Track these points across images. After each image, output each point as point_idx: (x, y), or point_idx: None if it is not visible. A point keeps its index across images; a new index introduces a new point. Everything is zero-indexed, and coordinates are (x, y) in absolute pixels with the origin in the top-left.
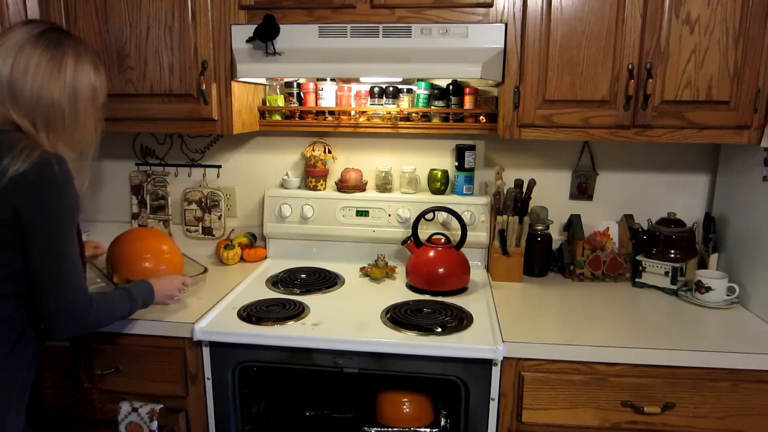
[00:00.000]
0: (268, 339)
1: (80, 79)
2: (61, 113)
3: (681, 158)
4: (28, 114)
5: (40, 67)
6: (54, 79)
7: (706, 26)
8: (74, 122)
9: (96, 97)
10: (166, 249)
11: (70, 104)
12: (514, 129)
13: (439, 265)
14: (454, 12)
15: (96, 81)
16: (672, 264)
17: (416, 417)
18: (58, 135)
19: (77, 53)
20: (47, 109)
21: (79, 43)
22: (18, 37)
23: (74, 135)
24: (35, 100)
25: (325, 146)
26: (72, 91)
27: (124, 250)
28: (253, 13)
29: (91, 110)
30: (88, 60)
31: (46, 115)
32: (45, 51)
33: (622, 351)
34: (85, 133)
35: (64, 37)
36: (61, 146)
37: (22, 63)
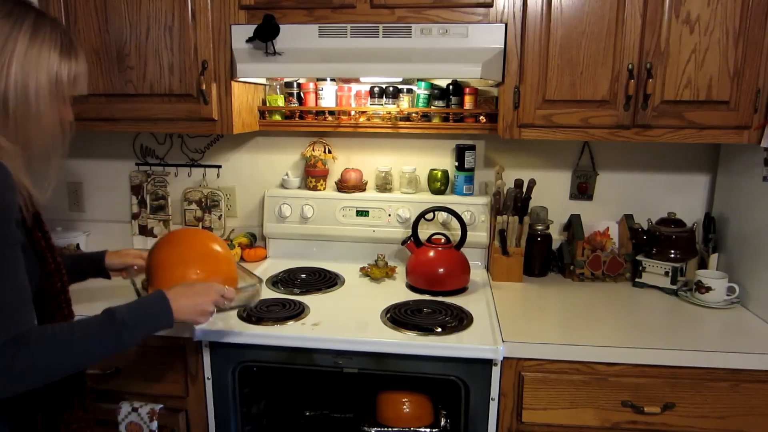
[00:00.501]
0: (268, 339)
1: (33, 62)
2: (2, 101)
3: (681, 158)
4: None
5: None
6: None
7: (706, 26)
8: (24, 114)
9: (60, 86)
10: (217, 254)
11: (17, 91)
12: (514, 129)
13: (439, 265)
14: (454, 12)
15: (61, 67)
16: (672, 264)
17: (416, 417)
18: None
19: (36, 28)
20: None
21: (42, 18)
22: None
23: (24, 130)
24: None
25: (325, 146)
26: (21, 75)
27: (161, 256)
28: (253, 13)
29: (50, 102)
30: (50, 39)
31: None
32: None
33: (622, 351)
34: (42, 130)
35: (22, 8)
36: (4, 141)
37: None
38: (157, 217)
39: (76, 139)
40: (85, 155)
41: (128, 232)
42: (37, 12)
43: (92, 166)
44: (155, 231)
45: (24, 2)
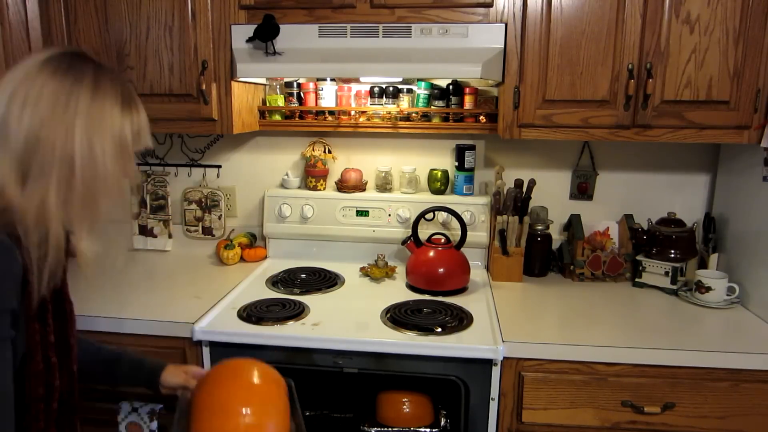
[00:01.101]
0: (268, 339)
1: (97, 121)
2: (64, 165)
3: (681, 158)
4: (16, 161)
5: (42, 99)
6: (58, 116)
7: (706, 26)
8: (91, 176)
9: (124, 144)
10: (266, 398)
11: (83, 153)
12: (514, 129)
13: (439, 265)
14: (454, 12)
15: (124, 124)
16: (672, 264)
17: (416, 417)
18: (62, 198)
19: (96, 83)
20: (45, 158)
21: (101, 70)
22: (24, 64)
23: (91, 191)
24: (31, 143)
25: (325, 146)
26: (86, 137)
27: (202, 396)
28: (253, 13)
29: (116, 161)
30: (111, 94)
31: (41, 165)
32: (50, 78)
33: (622, 351)
34: (109, 190)
35: (79, 61)
36: (71, 214)
37: (21, 95)
38: (157, 217)
39: None
40: None
41: (128, 232)
42: (95, 64)
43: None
44: (155, 231)
45: (80, 54)
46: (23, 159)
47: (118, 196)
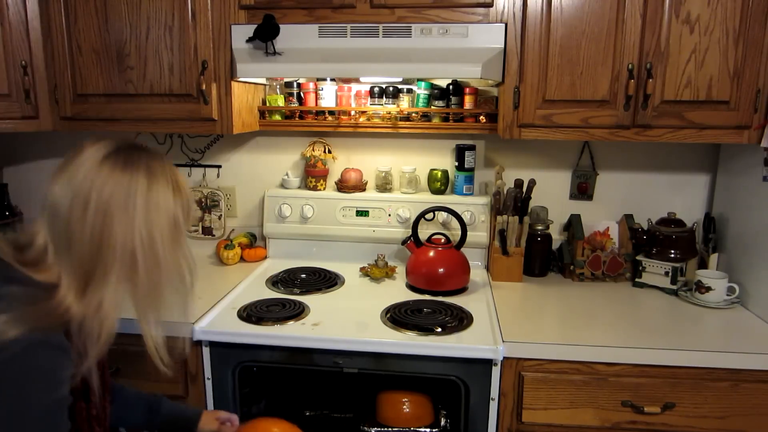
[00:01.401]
0: (268, 339)
1: (154, 212)
2: (125, 264)
3: (681, 158)
4: (79, 268)
5: (102, 201)
6: (119, 216)
7: (706, 26)
8: (154, 265)
9: (179, 227)
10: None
11: (144, 245)
12: (514, 129)
13: (439, 265)
14: (454, 12)
15: (177, 209)
16: (672, 264)
17: (416, 417)
18: (122, 295)
19: (150, 175)
20: (108, 260)
21: (152, 158)
22: (82, 163)
23: (154, 280)
24: (94, 248)
25: (325, 146)
26: (146, 229)
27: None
28: (253, 13)
29: (174, 245)
30: (164, 182)
31: (104, 268)
32: (109, 177)
33: (622, 351)
34: (170, 274)
35: (133, 154)
36: (136, 307)
37: (82, 198)
38: None
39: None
40: None
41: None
42: (147, 153)
43: None
44: None
45: (133, 145)
46: (86, 265)
47: (180, 281)
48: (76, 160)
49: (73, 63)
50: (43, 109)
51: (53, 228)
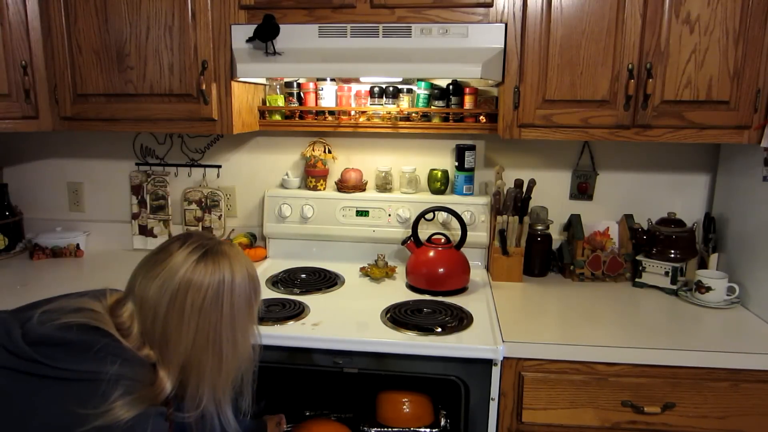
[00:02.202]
0: (268, 339)
1: (237, 308)
2: (216, 357)
3: (681, 158)
4: (177, 367)
5: (197, 302)
6: (213, 320)
7: (706, 26)
8: (233, 358)
9: (253, 314)
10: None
11: (228, 342)
12: (514, 129)
13: (439, 265)
14: (454, 12)
15: (251, 295)
16: (672, 264)
17: (416, 417)
18: (207, 380)
19: (232, 267)
20: (202, 359)
21: (231, 249)
22: (175, 265)
23: (233, 371)
24: (190, 343)
25: (325, 146)
26: (230, 327)
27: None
28: (253, 13)
29: (249, 332)
30: (240, 268)
31: (198, 366)
32: (203, 277)
33: (622, 351)
34: (244, 362)
35: (217, 251)
36: (218, 391)
37: (179, 301)
38: (157, 217)
39: (76, 139)
40: (85, 155)
41: (128, 232)
42: (227, 247)
43: (92, 166)
44: (155, 231)
45: (212, 239)
46: (182, 359)
47: (250, 362)
48: (169, 262)
49: (73, 63)
50: (43, 109)
51: (146, 321)
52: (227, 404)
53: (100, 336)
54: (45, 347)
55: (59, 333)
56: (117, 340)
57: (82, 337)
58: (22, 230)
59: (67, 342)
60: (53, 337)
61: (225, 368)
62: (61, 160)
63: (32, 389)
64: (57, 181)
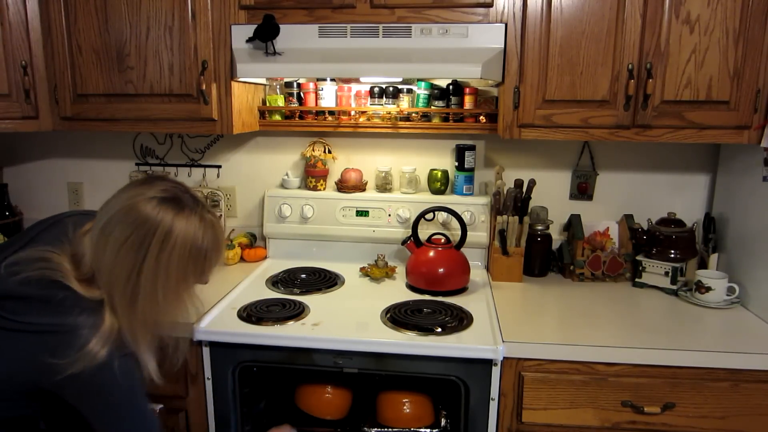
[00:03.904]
0: (268, 339)
1: (170, 258)
2: (128, 301)
3: (681, 158)
4: (109, 292)
5: (118, 240)
6: (131, 256)
7: (706, 26)
8: (148, 309)
9: (188, 274)
10: None
11: (146, 291)
12: (514, 129)
13: (439, 265)
14: (454, 12)
15: (195, 258)
16: (672, 264)
17: (416, 417)
18: (121, 319)
19: (179, 224)
20: (113, 293)
21: (197, 215)
22: (130, 196)
23: (146, 321)
24: (106, 280)
25: (325, 146)
26: (152, 275)
27: None
28: (253, 13)
29: (180, 290)
30: (195, 229)
31: (113, 299)
32: (136, 217)
33: (622, 351)
34: (165, 317)
35: (178, 204)
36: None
37: (109, 229)
38: None
39: (76, 139)
40: (85, 155)
41: None
42: (181, 219)
43: (92, 166)
44: None
45: (172, 206)
46: (108, 297)
47: (176, 330)
48: (130, 191)
49: (73, 63)
50: (43, 109)
51: (95, 255)
52: (146, 353)
53: (58, 289)
54: (9, 301)
55: (20, 288)
56: (75, 292)
57: (42, 291)
58: (22, 230)
59: (28, 296)
60: (15, 292)
61: (139, 319)
62: (61, 160)
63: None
64: (57, 181)
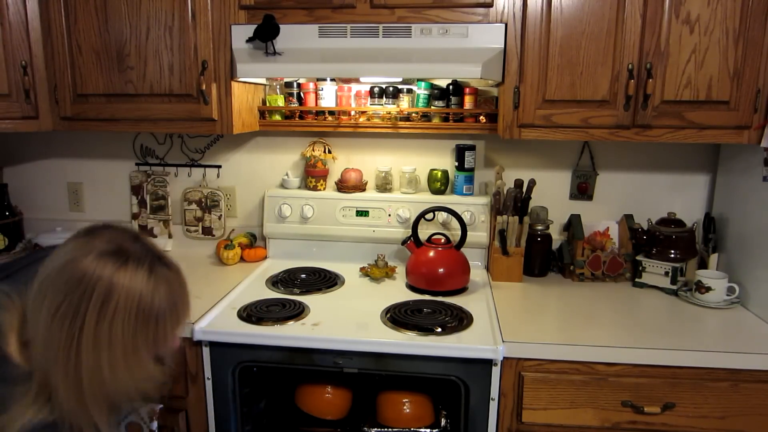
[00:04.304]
0: (268, 339)
1: (116, 322)
2: (70, 379)
3: (681, 158)
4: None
5: (50, 308)
6: (68, 325)
7: (706, 26)
8: (95, 382)
9: (142, 339)
10: None
11: (90, 364)
12: (514, 129)
13: (439, 265)
14: (454, 12)
15: (148, 320)
16: (672, 264)
17: (416, 417)
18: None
19: (125, 279)
20: (51, 371)
21: (148, 267)
22: (65, 253)
23: (97, 396)
24: (40, 353)
25: (325, 146)
26: (93, 343)
27: None
28: (253, 13)
29: (135, 358)
30: (147, 284)
31: (50, 379)
32: (70, 275)
33: (622, 351)
34: (122, 387)
35: (124, 257)
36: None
37: (41, 296)
38: (157, 217)
39: (76, 139)
40: (85, 155)
41: None
42: (127, 274)
43: (92, 166)
44: (155, 231)
45: (120, 259)
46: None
47: (141, 393)
48: (69, 251)
49: (73, 63)
50: (43, 109)
51: (32, 322)
52: (107, 427)
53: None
54: None
55: None
56: (4, 358)
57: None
58: (22, 230)
59: None
60: None
61: (88, 398)
62: (61, 160)
63: None
64: (57, 181)
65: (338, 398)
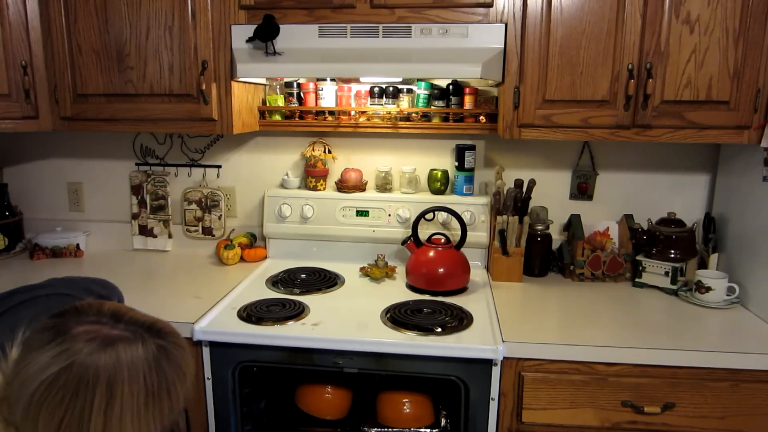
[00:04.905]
0: (268, 339)
1: (119, 404)
2: None
3: (681, 158)
4: None
5: (34, 400)
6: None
7: (706, 26)
8: None
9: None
10: None
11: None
12: (514, 129)
13: (439, 265)
14: (454, 12)
15: (148, 402)
16: (672, 264)
17: (416, 417)
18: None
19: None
20: None
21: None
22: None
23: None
24: None
25: (325, 146)
26: None
27: None
28: (253, 13)
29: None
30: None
31: None
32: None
33: (622, 351)
34: None
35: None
36: None
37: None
38: (157, 217)
39: (76, 139)
40: (85, 155)
41: (128, 232)
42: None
43: (92, 166)
44: (155, 231)
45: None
46: None
47: None
48: (59, 368)
49: (73, 63)
50: (43, 109)
51: None
52: None
53: None
54: None
55: None
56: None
57: None
58: (22, 230)
59: None
60: None
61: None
62: (61, 160)
63: None
64: (57, 181)
65: (338, 398)
